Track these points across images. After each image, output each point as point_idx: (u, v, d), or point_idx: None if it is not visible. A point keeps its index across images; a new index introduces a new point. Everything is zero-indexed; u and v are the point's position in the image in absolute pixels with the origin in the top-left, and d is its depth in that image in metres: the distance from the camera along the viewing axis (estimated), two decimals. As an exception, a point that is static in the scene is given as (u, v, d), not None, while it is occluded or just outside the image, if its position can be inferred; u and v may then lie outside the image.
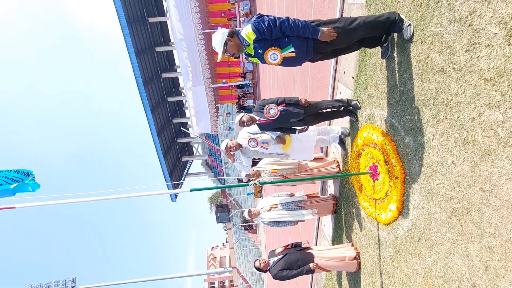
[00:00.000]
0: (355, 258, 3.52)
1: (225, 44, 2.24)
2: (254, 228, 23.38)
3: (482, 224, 1.70)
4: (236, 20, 15.64)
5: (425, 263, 2.25)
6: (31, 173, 2.22)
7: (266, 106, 3.02)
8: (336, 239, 4.27)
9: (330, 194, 4.28)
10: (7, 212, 2.32)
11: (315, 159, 3.95)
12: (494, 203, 1.62)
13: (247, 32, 2.16)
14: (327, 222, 4.66)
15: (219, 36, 2.24)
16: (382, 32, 2.35)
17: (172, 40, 18.47)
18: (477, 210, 1.73)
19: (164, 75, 19.43)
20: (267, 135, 3.46)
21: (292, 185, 4.26)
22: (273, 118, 3.03)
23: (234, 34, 2.25)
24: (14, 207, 2.36)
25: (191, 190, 2.70)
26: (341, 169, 3.84)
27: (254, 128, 3.35)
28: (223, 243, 43.67)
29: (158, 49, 18.56)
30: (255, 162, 4.03)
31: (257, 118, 3.16)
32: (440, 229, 2.05)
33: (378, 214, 2.90)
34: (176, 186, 19.54)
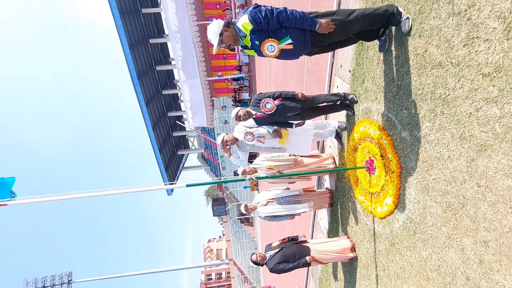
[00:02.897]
0: (350, 250, 3.57)
1: (221, 34, 2.18)
2: (250, 221, 23.55)
3: (477, 218, 1.72)
4: (231, 10, 15.37)
5: (420, 256, 2.28)
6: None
7: (263, 100, 2.99)
8: (332, 232, 4.31)
9: (326, 188, 4.30)
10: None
11: (311, 156, 3.95)
12: (489, 198, 1.63)
13: (243, 22, 2.11)
14: (323, 215, 4.69)
15: (215, 27, 2.19)
16: (380, 25, 2.31)
17: (166, 32, 18.14)
18: (473, 204, 1.74)
19: (159, 68, 19.14)
20: (263, 129, 3.44)
21: (290, 182, 4.26)
22: (269, 113, 3.00)
23: (230, 25, 2.20)
24: (6, 204, 2.32)
25: (187, 186, 2.68)
26: (337, 164, 3.85)
27: (251, 122, 3.32)
28: (220, 236, 43.99)
29: (152, 41, 18.22)
30: (251, 158, 4.01)
31: (254, 112, 3.13)
32: (436, 223, 2.07)
33: (374, 208, 2.92)
34: (172, 179, 19.50)
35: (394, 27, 2.31)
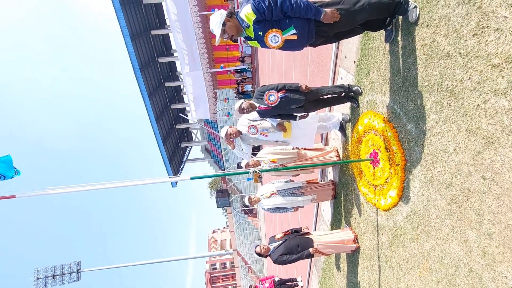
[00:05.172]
0: (353, 241, 3.59)
1: (224, 25, 2.16)
2: (254, 212, 23.78)
3: (481, 211, 1.71)
4: (233, 0, 15.12)
5: (423, 248, 2.29)
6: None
7: (266, 92, 2.97)
8: (335, 224, 4.34)
9: (329, 180, 4.30)
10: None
11: (315, 149, 3.94)
12: (495, 191, 1.62)
13: (246, 12, 2.08)
14: (326, 207, 4.71)
15: (217, 17, 2.16)
16: (386, 15, 2.26)
17: (168, 23, 17.95)
18: (478, 197, 1.73)
19: (161, 60, 19.04)
20: (267, 123, 3.43)
21: (293, 175, 4.27)
22: (273, 105, 2.98)
23: (232, 15, 2.17)
24: (14, 196, 2.36)
25: (192, 178, 2.70)
26: (340, 157, 3.84)
27: (254, 115, 3.31)
28: (224, 227, 44.60)
29: (153, 32, 18.06)
30: (255, 151, 4.01)
31: (257, 105, 3.11)
32: (439, 216, 2.07)
33: (377, 200, 2.92)
34: (176, 171, 19.66)
35: (401, 17, 2.25)
